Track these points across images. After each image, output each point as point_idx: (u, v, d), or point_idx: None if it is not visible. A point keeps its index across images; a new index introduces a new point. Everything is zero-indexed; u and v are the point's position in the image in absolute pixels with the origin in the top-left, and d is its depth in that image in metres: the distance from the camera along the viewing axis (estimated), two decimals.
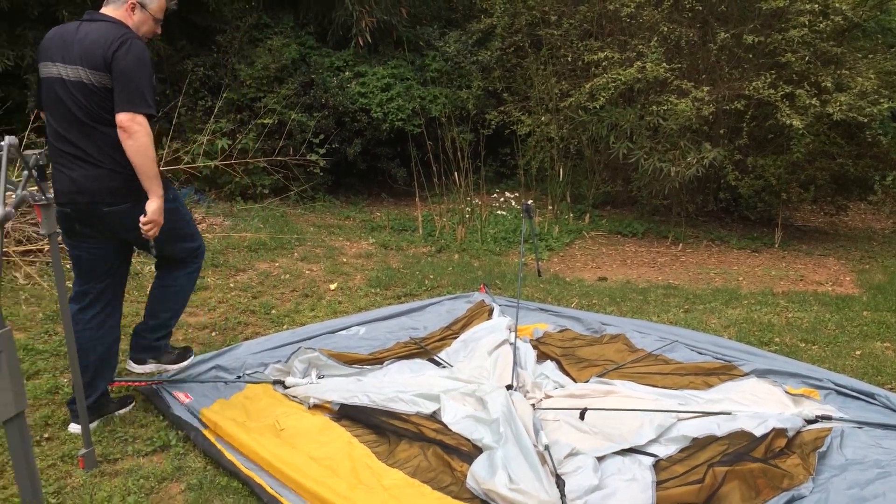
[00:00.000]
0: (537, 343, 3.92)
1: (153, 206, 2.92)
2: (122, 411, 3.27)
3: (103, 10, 3.02)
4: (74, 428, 3.10)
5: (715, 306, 4.74)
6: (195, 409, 3.14)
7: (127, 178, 2.93)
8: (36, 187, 2.59)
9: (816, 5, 6.00)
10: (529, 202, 4.31)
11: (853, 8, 6.08)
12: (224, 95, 7.61)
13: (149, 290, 3.41)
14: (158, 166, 3.00)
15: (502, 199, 7.45)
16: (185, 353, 3.55)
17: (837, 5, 5.95)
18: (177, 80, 7.56)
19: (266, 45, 7.72)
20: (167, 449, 2.96)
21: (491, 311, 4.34)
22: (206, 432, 2.99)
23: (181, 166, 6.75)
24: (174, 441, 3.00)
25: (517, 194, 7.88)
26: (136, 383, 3.45)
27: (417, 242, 6.60)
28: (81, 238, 3.06)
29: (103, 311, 3.15)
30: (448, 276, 5.43)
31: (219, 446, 2.88)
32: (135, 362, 3.39)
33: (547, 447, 2.64)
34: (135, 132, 2.84)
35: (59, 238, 2.84)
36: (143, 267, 5.09)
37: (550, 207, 7.53)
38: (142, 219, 2.92)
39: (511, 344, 3.79)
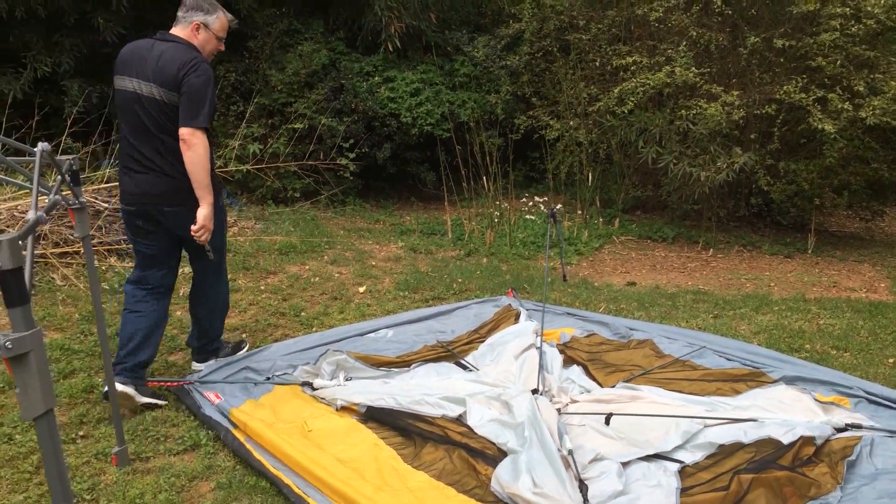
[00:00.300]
0: (564, 347, 3.92)
1: (203, 212, 3.25)
2: (143, 400, 3.39)
3: (173, 31, 3.35)
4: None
5: (745, 312, 4.70)
6: (225, 409, 3.20)
7: (184, 184, 3.26)
8: (69, 192, 2.66)
9: (848, 9, 5.93)
10: (557, 207, 4.32)
11: (886, 11, 5.98)
12: (255, 100, 7.71)
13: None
14: (214, 175, 3.36)
15: (531, 203, 7.45)
16: (238, 345, 3.92)
17: (870, 9, 5.87)
18: None
19: (297, 51, 7.81)
20: (197, 448, 3.02)
21: (518, 316, 4.35)
22: (235, 432, 3.04)
23: (216, 171, 6.84)
24: (204, 440, 3.06)
25: (546, 199, 7.87)
26: (169, 383, 3.52)
27: (446, 246, 6.63)
28: (143, 234, 3.40)
29: (153, 294, 3.46)
30: (476, 279, 5.45)
31: (248, 446, 2.93)
32: (197, 362, 3.74)
33: (571, 452, 2.64)
34: (194, 145, 3.18)
35: (93, 240, 2.93)
36: None
37: (580, 212, 7.52)
38: (193, 226, 3.24)
39: (537, 348, 3.80)
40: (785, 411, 3.08)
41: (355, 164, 7.79)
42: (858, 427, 2.96)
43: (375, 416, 3.19)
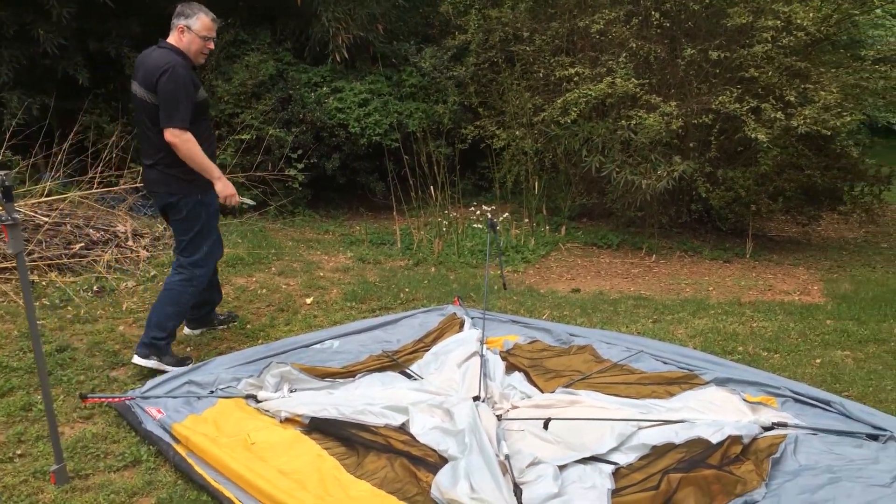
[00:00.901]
0: (507, 354, 3.99)
1: (218, 187, 3.84)
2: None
3: (168, 38, 3.81)
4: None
5: (683, 316, 4.84)
6: (167, 424, 3.19)
7: (170, 177, 3.77)
8: (2, 208, 2.64)
9: (779, 21, 6.16)
10: (504, 215, 4.42)
11: (816, 24, 6.23)
12: None
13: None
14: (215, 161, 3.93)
15: (478, 212, 7.54)
16: (183, 360, 4.00)
17: (799, 21, 6.10)
18: None
19: (243, 62, 7.79)
20: (138, 464, 3.01)
21: (462, 324, 4.41)
22: (177, 447, 3.04)
23: None
24: (146, 456, 3.05)
25: (493, 207, 7.96)
26: (110, 399, 3.50)
27: (395, 256, 6.67)
28: (166, 220, 4.05)
29: (176, 282, 3.98)
30: (423, 289, 5.50)
31: (189, 461, 2.93)
32: (139, 356, 3.89)
33: (507, 456, 2.71)
34: (177, 143, 3.64)
35: (33, 255, 2.91)
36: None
37: (527, 220, 7.63)
38: (221, 199, 3.89)
39: (481, 356, 3.87)
40: (715, 412, 3.20)
41: (304, 175, 7.79)
42: (784, 425, 3.09)
43: (319, 427, 3.21)
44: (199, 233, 3.94)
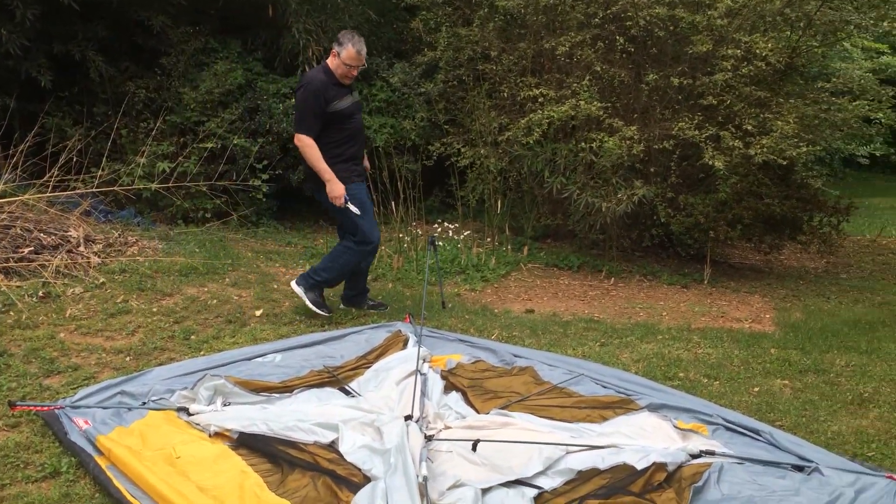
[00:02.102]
0: (448, 374, 3.98)
1: (328, 187, 4.68)
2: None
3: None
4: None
5: (630, 340, 4.85)
6: (92, 435, 3.14)
7: (310, 172, 4.77)
8: None
9: (740, 51, 6.23)
10: (433, 235, 4.45)
11: (776, 55, 6.31)
12: (167, 118, 7.62)
13: None
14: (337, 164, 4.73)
15: (440, 229, 7.55)
16: (323, 304, 5.01)
17: (758, 51, 6.18)
18: (119, 102, 7.56)
19: (211, 70, 7.76)
20: (57, 476, 2.95)
21: (406, 341, 4.39)
22: (98, 459, 2.99)
23: (116, 188, 6.73)
24: (66, 468, 2.99)
25: (457, 225, 7.97)
26: (38, 408, 3.44)
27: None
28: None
29: (342, 244, 5.00)
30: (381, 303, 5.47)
31: (108, 474, 2.88)
32: (295, 282, 4.97)
33: (426, 478, 2.68)
34: (300, 147, 4.68)
35: None
36: (67, 289, 5.07)
37: (489, 239, 7.64)
38: (330, 198, 4.73)
39: (422, 374, 3.85)
40: (645, 438, 3.20)
41: (269, 186, 7.75)
42: (712, 454, 3.09)
43: (247, 443, 3.18)
44: (341, 213, 4.82)
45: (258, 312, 5.13)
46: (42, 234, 5.52)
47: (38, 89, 7.27)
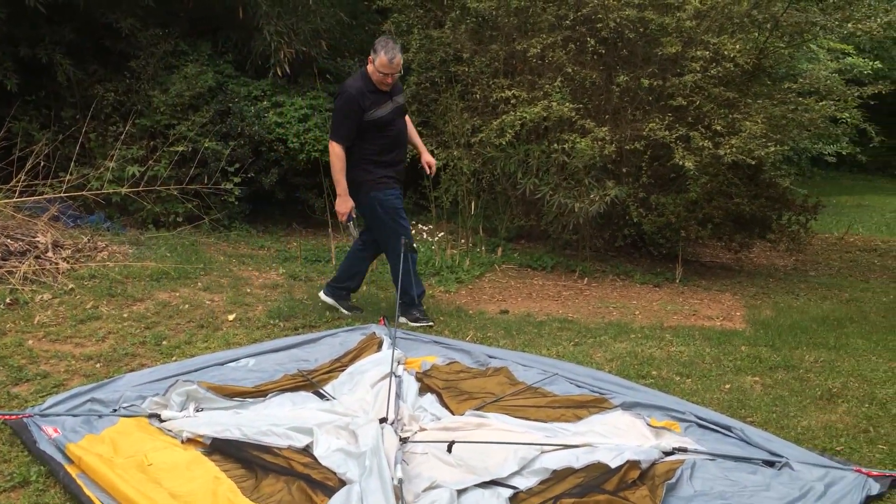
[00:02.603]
0: (422, 375, 3.98)
1: (337, 201, 4.88)
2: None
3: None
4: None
5: (604, 340, 4.89)
6: (62, 443, 3.09)
7: (349, 180, 4.79)
8: None
9: (708, 52, 6.31)
10: (404, 239, 4.48)
11: (744, 56, 6.40)
12: (137, 122, 7.53)
13: None
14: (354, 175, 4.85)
15: (414, 231, 7.53)
16: (424, 316, 5.12)
17: (727, 52, 6.27)
18: (87, 106, 7.46)
19: (181, 73, 7.69)
20: (27, 485, 2.90)
21: (381, 344, 4.38)
22: (69, 467, 2.94)
23: (85, 192, 6.64)
24: (35, 477, 2.94)
25: (431, 226, 7.97)
26: (5, 416, 3.38)
27: (329, 273, 6.59)
28: None
29: (364, 247, 5.23)
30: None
31: (79, 482, 2.83)
32: (399, 314, 4.86)
33: (401, 481, 2.68)
34: (329, 153, 4.78)
35: None
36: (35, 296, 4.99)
37: (463, 241, 7.65)
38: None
39: (397, 376, 3.85)
40: (619, 436, 3.22)
41: (241, 189, 7.70)
42: (685, 450, 3.12)
43: (220, 448, 3.15)
44: (377, 223, 4.95)
45: (231, 317, 5.09)
46: (9, 240, 5.43)
47: (5, 93, 7.16)
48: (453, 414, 3.56)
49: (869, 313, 5.98)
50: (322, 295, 5.34)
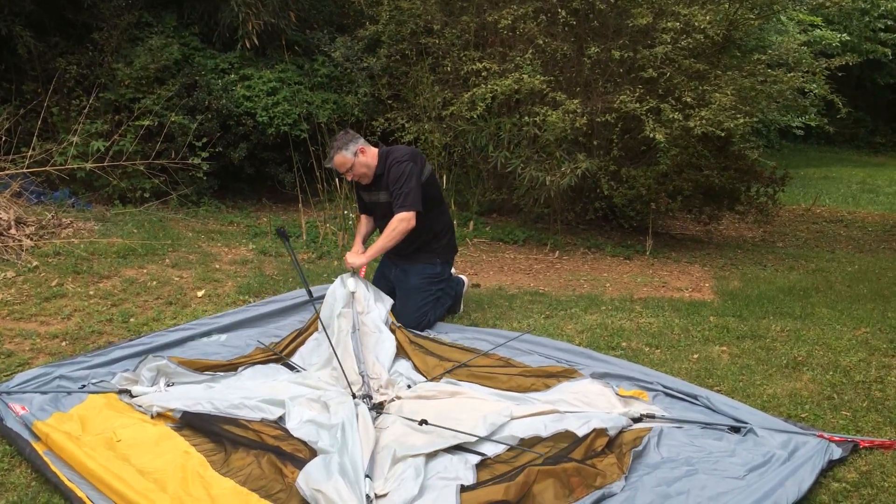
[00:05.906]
0: (395, 327, 4.03)
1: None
2: None
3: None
4: None
5: (575, 312, 4.92)
6: (29, 421, 3.05)
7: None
8: None
9: (679, 24, 6.31)
10: (282, 226, 4.44)
11: (714, 27, 6.41)
12: (101, 95, 7.38)
13: None
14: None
15: None
16: None
17: (697, 24, 6.27)
18: (49, 79, 7.28)
19: (146, 45, 7.52)
20: None
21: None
22: (35, 445, 2.91)
23: (48, 168, 6.50)
24: (0, 456, 2.90)
25: None
26: None
27: (299, 249, 6.56)
28: None
29: None
30: (322, 282, 5.41)
31: (45, 458, 2.80)
32: None
33: (367, 476, 2.63)
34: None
35: None
36: None
37: None
38: None
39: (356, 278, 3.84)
40: (588, 405, 3.25)
41: (209, 164, 7.59)
42: (652, 417, 3.17)
43: (190, 423, 3.13)
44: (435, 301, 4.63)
45: (200, 293, 5.04)
46: None
47: None
48: (426, 378, 3.60)
49: (834, 283, 6.09)
50: None
